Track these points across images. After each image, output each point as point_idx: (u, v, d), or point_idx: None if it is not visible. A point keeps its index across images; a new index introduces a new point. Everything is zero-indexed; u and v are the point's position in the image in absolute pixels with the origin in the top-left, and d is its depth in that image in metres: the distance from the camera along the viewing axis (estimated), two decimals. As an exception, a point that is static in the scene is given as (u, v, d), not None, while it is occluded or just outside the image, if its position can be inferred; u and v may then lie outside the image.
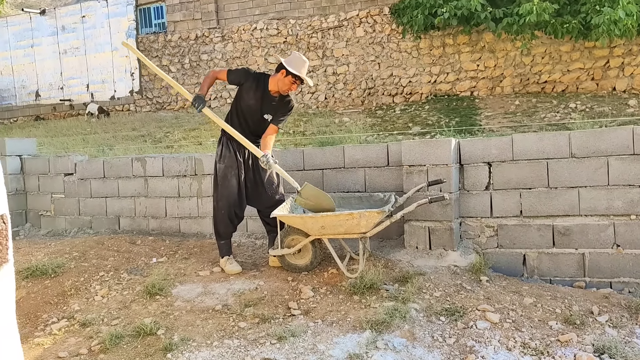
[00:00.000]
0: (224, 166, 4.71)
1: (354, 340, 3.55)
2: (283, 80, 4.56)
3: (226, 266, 4.77)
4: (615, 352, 3.22)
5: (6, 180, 6.82)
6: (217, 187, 4.75)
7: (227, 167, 4.69)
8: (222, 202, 4.71)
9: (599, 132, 4.37)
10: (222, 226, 4.78)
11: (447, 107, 13.11)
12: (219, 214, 4.76)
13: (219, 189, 4.74)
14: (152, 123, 14.52)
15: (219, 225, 4.79)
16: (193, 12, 16.65)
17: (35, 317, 4.34)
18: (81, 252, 5.38)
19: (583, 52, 13.04)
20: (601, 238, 4.33)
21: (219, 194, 4.73)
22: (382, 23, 14.70)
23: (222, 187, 4.71)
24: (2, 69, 19.02)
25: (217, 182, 4.76)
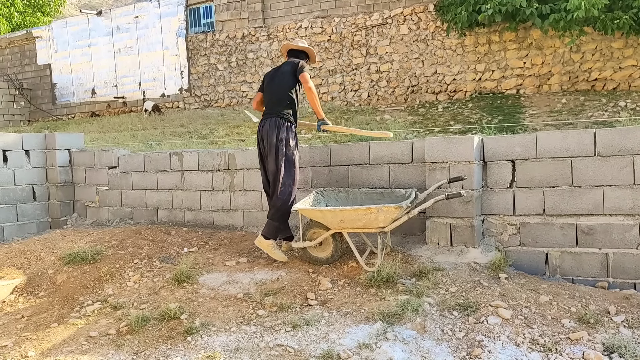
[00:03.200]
0: (297, 154, 4.96)
1: (365, 330, 3.65)
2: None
3: (275, 252, 4.91)
4: (625, 352, 3.19)
5: (56, 172, 7.25)
6: (294, 175, 4.87)
7: (298, 156, 5.01)
8: (291, 187, 4.84)
9: (625, 130, 4.28)
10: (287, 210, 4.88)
11: (490, 105, 12.90)
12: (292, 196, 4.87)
13: (294, 177, 4.88)
14: (199, 120, 14.94)
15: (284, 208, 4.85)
16: (240, 11, 17.00)
17: (72, 299, 4.65)
18: (119, 240, 5.69)
19: (636, 48, 12.54)
20: (626, 238, 4.25)
21: (294, 180, 4.87)
22: (426, 20, 14.59)
23: (294, 174, 4.87)
24: (61, 67, 19.97)
25: (294, 170, 4.87)
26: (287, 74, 4.99)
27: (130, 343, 3.72)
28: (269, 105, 5.02)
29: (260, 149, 5.02)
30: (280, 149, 4.80)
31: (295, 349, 3.48)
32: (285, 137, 4.83)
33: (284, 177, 4.79)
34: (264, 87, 5.15)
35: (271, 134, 4.83)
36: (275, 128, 4.84)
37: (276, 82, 5.03)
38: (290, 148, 4.84)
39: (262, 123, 4.99)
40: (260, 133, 4.97)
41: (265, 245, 4.89)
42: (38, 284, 4.96)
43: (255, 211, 5.99)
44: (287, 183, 4.80)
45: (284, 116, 4.91)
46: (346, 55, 15.53)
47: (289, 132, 4.88)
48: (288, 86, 4.97)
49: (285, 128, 4.86)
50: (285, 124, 4.88)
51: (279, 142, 4.80)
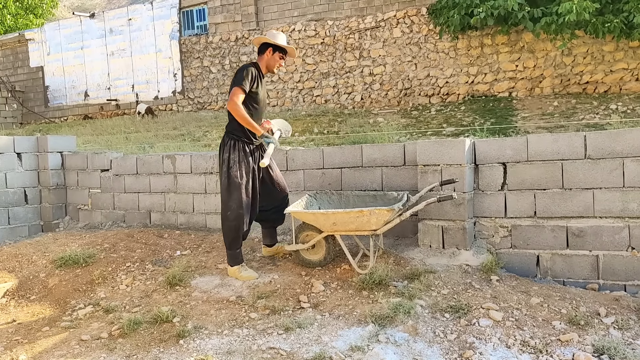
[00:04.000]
0: (240, 173, 4.52)
1: (357, 333, 3.66)
2: (273, 57, 4.69)
3: (242, 273, 4.65)
4: (614, 353, 3.22)
5: (48, 175, 7.23)
6: (231, 196, 4.52)
7: (246, 173, 4.56)
8: (235, 212, 4.52)
9: (615, 133, 4.32)
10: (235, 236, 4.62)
11: (483, 108, 12.96)
12: (231, 225, 4.56)
13: (233, 198, 4.52)
14: (192, 122, 14.93)
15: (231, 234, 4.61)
16: (234, 14, 17.02)
17: (64, 302, 4.64)
18: (112, 243, 5.68)
19: (627, 51, 12.65)
20: (616, 240, 4.29)
21: (233, 203, 4.51)
22: (419, 23, 14.66)
23: (238, 195, 4.51)
24: (54, 69, 19.92)
25: (230, 191, 4.52)
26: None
27: (122, 346, 3.72)
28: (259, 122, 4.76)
29: None
30: (223, 170, 4.54)
31: (288, 351, 3.49)
32: (228, 158, 4.53)
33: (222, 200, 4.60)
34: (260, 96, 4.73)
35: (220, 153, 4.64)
36: (222, 146, 4.62)
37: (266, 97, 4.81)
38: (232, 169, 4.50)
39: None
40: None
41: (232, 272, 4.68)
42: (30, 287, 4.94)
43: (248, 214, 5.98)
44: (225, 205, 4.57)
45: (228, 132, 4.62)
46: (339, 58, 15.57)
47: (231, 150, 4.54)
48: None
49: (227, 147, 4.56)
50: (229, 142, 4.57)
51: (221, 163, 4.59)
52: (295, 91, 16.21)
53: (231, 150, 4.54)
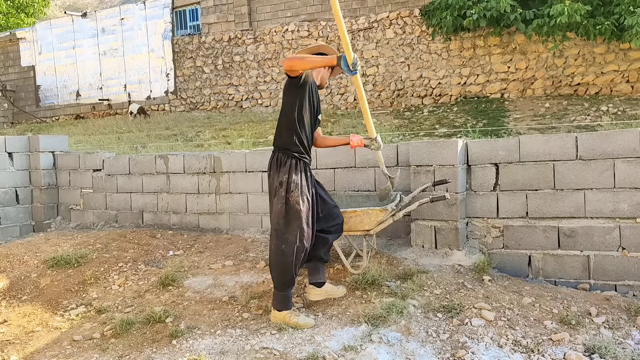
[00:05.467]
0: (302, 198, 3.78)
1: (350, 333, 3.67)
2: (327, 71, 4.09)
3: (293, 320, 3.80)
4: (605, 352, 3.24)
5: (40, 175, 7.19)
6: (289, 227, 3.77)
7: (308, 199, 3.83)
8: (293, 245, 3.75)
9: (606, 134, 4.36)
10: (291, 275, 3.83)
11: (475, 109, 13.03)
12: (287, 261, 3.77)
13: (291, 229, 3.76)
14: (185, 122, 14.91)
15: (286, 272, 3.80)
16: (227, 14, 17.00)
17: (56, 303, 4.61)
18: (104, 244, 5.66)
19: (618, 53, 12.75)
20: (606, 240, 4.32)
21: (291, 235, 3.76)
22: (412, 25, 14.71)
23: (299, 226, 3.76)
24: (45, 69, 19.81)
25: (288, 220, 3.77)
26: (284, 91, 3.88)
27: (115, 347, 3.71)
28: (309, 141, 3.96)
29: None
30: (282, 195, 3.76)
31: (281, 351, 3.49)
32: (287, 180, 3.77)
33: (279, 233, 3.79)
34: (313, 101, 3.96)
35: (269, 175, 3.89)
36: (274, 167, 3.84)
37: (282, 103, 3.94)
38: (292, 195, 3.75)
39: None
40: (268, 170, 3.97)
41: (280, 318, 3.82)
42: (21, 287, 4.91)
43: (241, 214, 5.99)
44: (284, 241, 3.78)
45: (284, 149, 3.84)
46: (332, 58, 15.56)
47: (291, 171, 3.78)
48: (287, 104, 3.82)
49: (286, 167, 3.79)
50: (287, 162, 3.80)
51: (277, 186, 3.79)
52: (288, 92, 16.17)
53: (292, 171, 3.76)
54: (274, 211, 3.80)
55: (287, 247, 3.76)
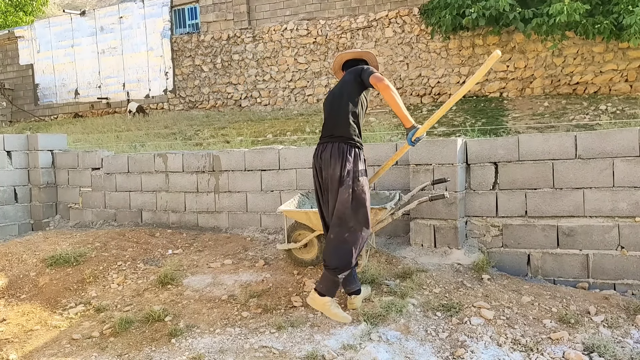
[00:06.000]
0: (366, 188, 3.82)
1: (349, 331, 3.67)
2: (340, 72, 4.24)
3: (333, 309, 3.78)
4: (604, 351, 3.25)
5: (38, 173, 7.18)
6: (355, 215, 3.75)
7: (368, 188, 3.90)
8: (355, 234, 3.75)
9: (605, 133, 4.36)
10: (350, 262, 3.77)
11: (474, 108, 13.02)
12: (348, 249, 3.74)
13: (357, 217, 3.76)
14: (183, 121, 14.89)
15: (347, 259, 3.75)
16: (225, 12, 16.98)
17: (55, 301, 4.61)
18: (103, 242, 5.65)
19: (617, 53, 12.76)
20: (605, 239, 4.33)
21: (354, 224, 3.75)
22: (411, 23, 14.70)
23: (364, 214, 3.78)
24: (44, 67, 19.78)
25: (354, 208, 3.75)
26: (348, 84, 3.87)
27: (114, 345, 3.70)
28: (326, 126, 3.92)
29: (318, 182, 3.95)
30: (348, 184, 3.73)
31: (280, 350, 3.49)
32: (353, 169, 3.76)
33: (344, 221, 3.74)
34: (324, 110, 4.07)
35: (333, 164, 3.76)
36: (339, 156, 3.76)
37: (337, 96, 3.91)
38: (359, 184, 3.77)
39: (317, 149, 3.94)
40: (317, 162, 3.91)
41: (320, 304, 3.76)
42: (20, 286, 4.91)
43: (240, 213, 5.98)
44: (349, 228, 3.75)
45: (347, 140, 3.81)
46: (332, 57, 15.58)
47: (357, 161, 3.81)
48: (351, 98, 3.85)
49: (352, 157, 3.78)
50: (352, 151, 3.80)
51: (345, 175, 3.73)
52: (287, 90, 16.20)
53: (358, 161, 3.79)
54: (340, 200, 3.73)
55: (351, 235, 3.73)
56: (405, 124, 3.73)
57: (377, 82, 3.67)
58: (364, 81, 3.80)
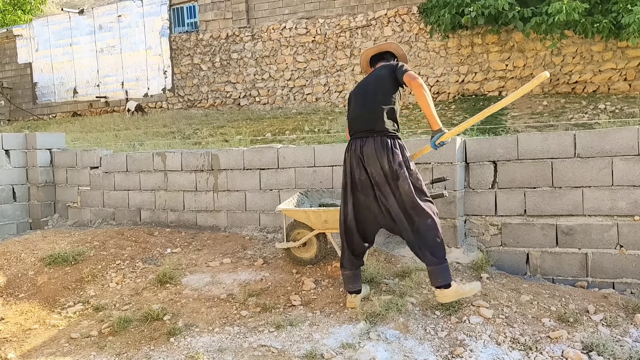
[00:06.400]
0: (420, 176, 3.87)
1: (348, 330, 3.67)
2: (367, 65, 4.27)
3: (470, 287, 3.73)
4: (603, 350, 3.25)
5: (37, 172, 7.17)
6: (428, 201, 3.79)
7: None
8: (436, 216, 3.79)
9: (604, 132, 4.36)
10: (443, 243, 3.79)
11: (473, 107, 13.03)
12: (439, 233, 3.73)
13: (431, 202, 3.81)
14: (182, 120, 14.88)
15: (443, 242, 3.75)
16: (224, 11, 16.96)
17: (53, 300, 4.60)
18: (101, 241, 5.64)
19: (616, 52, 12.77)
20: (604, 238, 4.33)
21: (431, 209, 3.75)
22: (410, 22, 14.70)
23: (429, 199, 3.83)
24: (42, 66, 19.75)
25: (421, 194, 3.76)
26: (384, 79, 3.86)
27: (113, 344, 3.70)
28: (363, 120, 3.87)
29: (352, 178, 3.89)
30: (405, 175, 3.71)
31: (279, 349, 3.49)
32: (404, 160, 3.77)
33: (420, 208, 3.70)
34: (351, 104, 4.06)
35: (380, 159, 3.73)
36: (385, 150, 3.74)
37: (371, 90, 3.89)
38: (412, 172, 3.78)
39: (354, 144, 3.88)
40: (356, 157, 3.84)
41: (453, 293, 3.66)
42: (18, 285, 4.90)
43: (239, 212, 5.98)
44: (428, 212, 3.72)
45: (389, 133, 3.80)
46: (330, 56, 15.58)
47: (404, 151, 3.82)
48: (389, 93, 3.84)
49: (398, 149, 3.78)
50: (397, 143, 3.81)
51: (398, 168, 3.72)
52: (286, 89, 16.19)
53: (405, 152, 3.82)
54: (403, 192, 3.71)
55: (432, 221, 3.70)
56: (432, 125, 3.77)
57: (411, 80, 3.69)
58: (398, 78, 3.82)
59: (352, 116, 4.00)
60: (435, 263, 3.66)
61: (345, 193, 3.94)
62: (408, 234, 3.75)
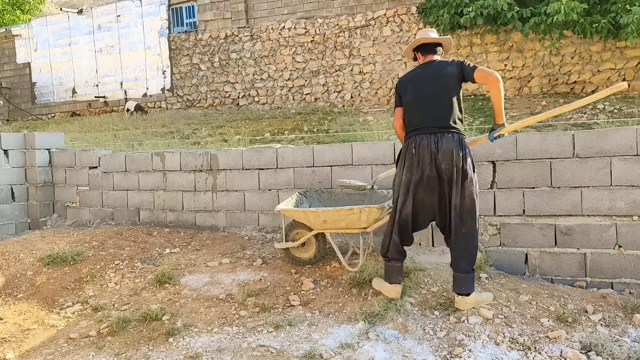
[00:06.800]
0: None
1: (347, 330, 3.67)
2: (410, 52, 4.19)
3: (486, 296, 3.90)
4: (602, 350, 3.25)
5: (35, 172, 7.16)
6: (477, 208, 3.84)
7: None
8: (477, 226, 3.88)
9: (603, 132, 4.36)
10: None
11: (472, 107, 13.02)
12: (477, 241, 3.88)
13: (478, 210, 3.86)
14: (181, 120, 14.86)
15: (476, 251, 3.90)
16: (223, 11, 16.95)
17: (52, 300, 4.60)
18: (100, 241, 5.64)
19: (614, 52, 12.78)
20: (603, 238, 4.33)
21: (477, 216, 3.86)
22: (409, 22, 14.70)
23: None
24: (41, 66, 19.73)
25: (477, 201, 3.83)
26: (452, 77, 3.83)
27: (111, 345, 3.70)
28: (435, 116, 3.82)
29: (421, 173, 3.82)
30: (471, 177, 3.77)
31: (278, 349, 3.49)
32: (472, 162, 3.82)
33: (474, 214, 3.78)
34: (411, 96, 3.94)
35: (456, 156, 3.73)
36: (461, 148, 3.75)
37: (442, 87, 3.84)
38: (475, 176, 3.84)
39: (426, 139, 3.81)
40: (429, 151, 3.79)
41: (473, 300, 3.78)
42: (17, 285, 4.89)
43: (238, 212, 5.97)
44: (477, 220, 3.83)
45: (461, 132, 3.83)
46: (329, 56, 15.57)
47: (470, 154, 3.84)
48: (457, 91, 3.85)
49: (468, 150, 3.82)
50: (465, 143, 3.83)
51: (468, 168, 3.75)
52: (285, 89, 16.18)
53: (471, 154, 3.86)
54: (468, 194, 3.76)
55: (477, 231, 3.83)
56: (498, 119, 3.85)
57: (488, 75, 3.70)
58: (465, 76, 3.81)
59: (420, 111, 3.89)
60: (467, 272, 3.78)
61: (407, 189, 3.87)
62: (456, 235, 3.81)
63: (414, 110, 3.92)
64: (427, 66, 3.98)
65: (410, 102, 3.94)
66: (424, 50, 4.06)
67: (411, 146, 3.86)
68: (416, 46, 4.09)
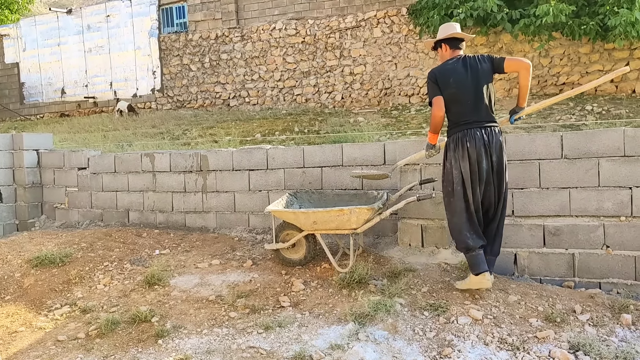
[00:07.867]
0: None
1: (337, 331, 3.67)
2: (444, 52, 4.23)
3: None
4: (589, 350, 3.27)
5: (23, 173, 7.11)
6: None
7: None
8: None
9: (591, 133, 4.40)
10: None
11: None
12: None
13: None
14: (171, 121, 14.80)
15: None
16: (214, 12, 16.91)
17: (40, 303, 4.56)
18: (89, 243, 5.60)
19: (602, 54, 12.89)
20: (591, 239, 4.36)
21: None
22: (399, 24, 14.74)
23: None
24: (30, 66, 19.59)
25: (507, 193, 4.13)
26: (489, 73, 3.98)
27: (100, 347, 3.67)
28: (482, 110, 3.96)
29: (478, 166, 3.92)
30: (505, 168, 4.04)
31: (268, 350, 3.48)
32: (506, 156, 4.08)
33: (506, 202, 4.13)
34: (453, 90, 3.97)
35: (502, 148, 3.98)
36: (503, 141, 4.04)
37: (482, 82, 3.95)
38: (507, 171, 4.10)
39: (478, 132, 3.93)
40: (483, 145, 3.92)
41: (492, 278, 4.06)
42: (4, 287, 4.85)
43: (228, 213, 5.96)
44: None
45: (498, 127, 4.05)
46: (320, 57, 15.57)
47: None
48: (492, 86, 4.04)
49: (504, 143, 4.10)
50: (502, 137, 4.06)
51: (505, 162, 4.04)
52: (275, 90, 16.17)
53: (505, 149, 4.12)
54: (505, 183, 4.04)
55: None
56: (522, 102, 4.08)
57: (519, 62, 3.93)
58: (496, 68, 3.97)
59: (467, 105, 3.96)
60: (497, 255, 4.13)
61: (470, 182, 3.94)
62: (499, 223, 4.10)
63: (462, 104, 3.98)
64: (463, 61, 4.05)
65: (454, 95, 3.99)
66: (453, 44, 4.16)
67: (465, 139, 3.94)
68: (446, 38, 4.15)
